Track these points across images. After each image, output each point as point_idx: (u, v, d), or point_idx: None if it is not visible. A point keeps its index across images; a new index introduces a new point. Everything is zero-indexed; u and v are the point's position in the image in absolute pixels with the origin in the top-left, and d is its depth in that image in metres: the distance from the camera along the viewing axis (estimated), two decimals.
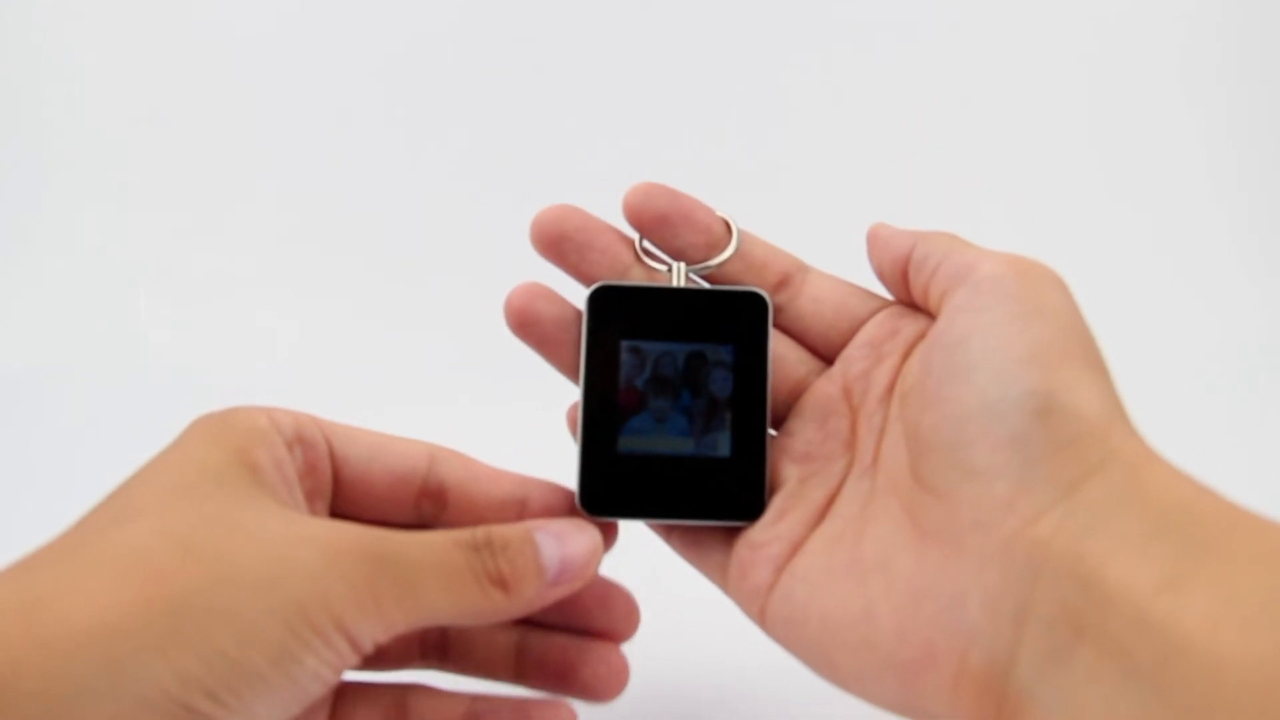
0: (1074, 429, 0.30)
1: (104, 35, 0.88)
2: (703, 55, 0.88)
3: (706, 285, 0.40)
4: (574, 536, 0.35)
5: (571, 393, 0.39)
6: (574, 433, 0.39)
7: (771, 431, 0.39)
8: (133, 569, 0.27)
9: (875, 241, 0.38)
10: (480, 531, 0.33)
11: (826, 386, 0.39)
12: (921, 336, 0.37)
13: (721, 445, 0.38)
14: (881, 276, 0.38)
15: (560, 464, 0.40)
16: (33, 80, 0.88)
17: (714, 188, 0.83)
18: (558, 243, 0.38)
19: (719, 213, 0.40)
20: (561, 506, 0.38)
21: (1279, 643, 0.24)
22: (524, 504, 0.38)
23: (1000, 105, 0.88)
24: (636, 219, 0.39)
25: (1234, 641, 0.25)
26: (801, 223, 0.81)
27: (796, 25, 0.88)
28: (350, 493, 0.36)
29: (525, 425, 0.58)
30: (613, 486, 0.38)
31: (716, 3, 0.88)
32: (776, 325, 0.40)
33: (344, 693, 0.37)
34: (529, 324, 0.38)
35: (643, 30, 0.88)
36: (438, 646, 0.40)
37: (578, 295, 0.39)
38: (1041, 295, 0.33)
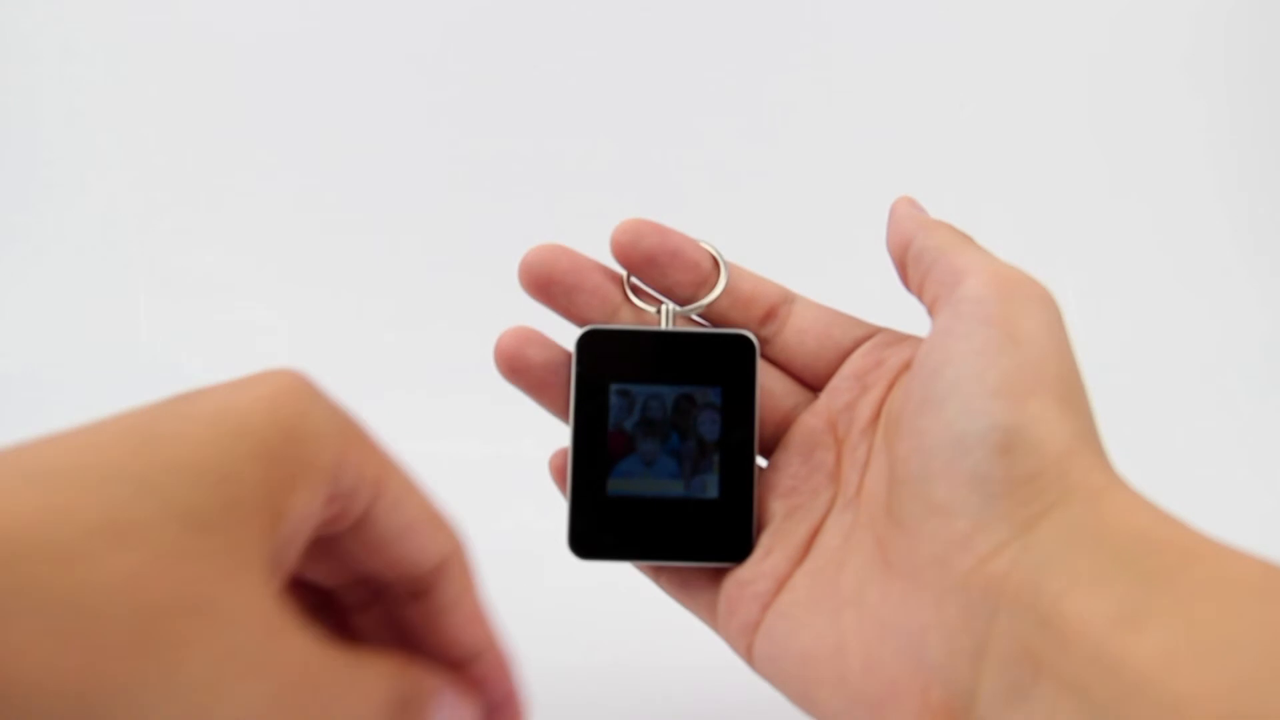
0: (1034, 465, 0.30)
1: (103, 35, 0.88)
2: (703, 62, 0.87)
3: (695, 326, 0.40)
4: (464, 713, 0.33)
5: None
6: (557, 479, 0.39)
7: (761, 461, 0.39)
8: (82, 634, 0.23)
9: (890, 219, 0.38)
10: (410, 685, 0.30)
11: (811, 420, 0.39)
12: (906, 365, 0.37)
13: (710, 487, 0.38)
14: (890, 255, 0.38)
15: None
16: (32, 80, 0.87)
17: (712, 192, 0.82)
18: (545, 286, 0.38)
19: (706, 246, 0.39)
20: (500, 683, 0.34)
21: (1235, 678, 0.24)
22: (471, 661, 0.35)
23: (1001, 105, 0.87)
24: (625, 258, 0.39)
25: (1191, 678, 0.24)
26: (796, 233, 0.81)
27: (793, 30, 0.87)
28: (349, 548, 0.32)
29: (526, 425, 0.58)
30: (602, 529, 0.38)
31: (716, 12, 0.88)
32: (764, 356, 0.40)
33: None
34: (520, 370, 0.38)
35: (645, 37, 0.87)
36: None
37: (567, 331, 0.39)
38: (1021, 320, 0.32)
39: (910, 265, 0.36)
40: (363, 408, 0.74)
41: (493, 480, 0.69)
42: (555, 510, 0.42)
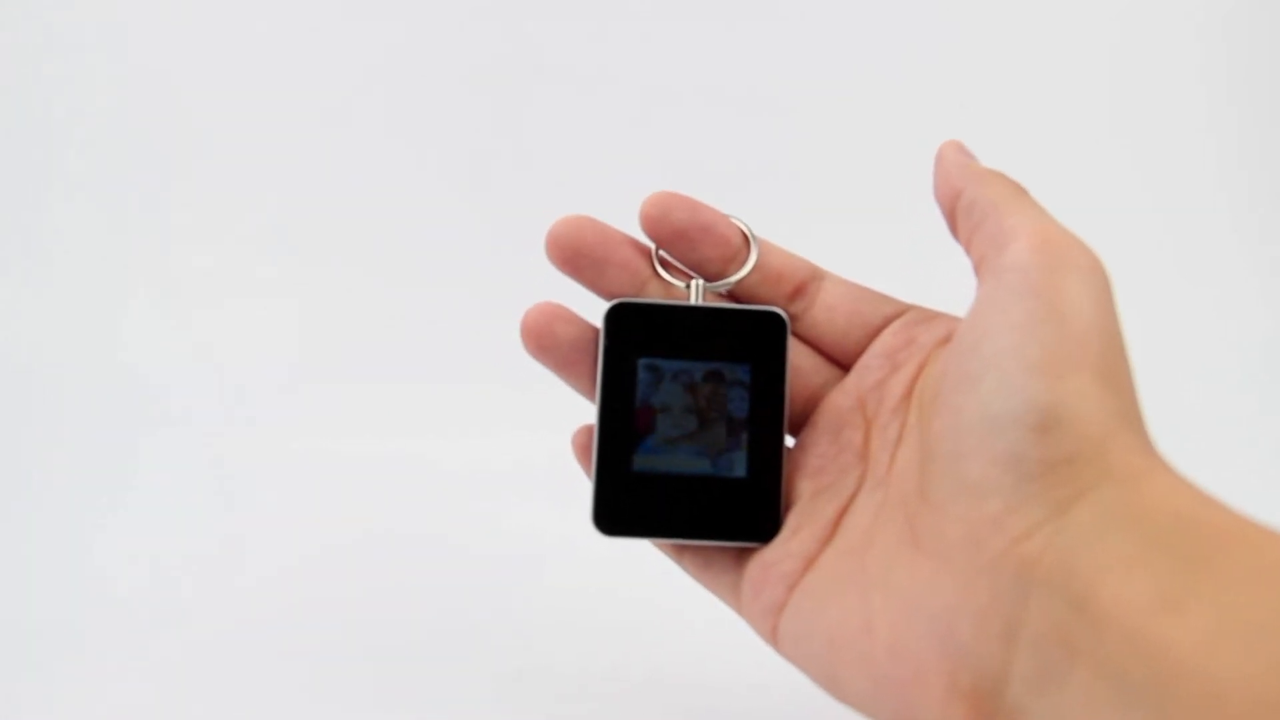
0: (1072, 446, 0.29)
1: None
2: (728, 35, 0.88)
3: (724, 302, 0.40)
4: None
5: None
6: (580, 456, 0.39)
7: (789, 439, 0.39)
8: None
9: (938, 166, 0.37)
10: None
11: (840, 399, 0.38)
12: (939, 343, 0.36)
13: (738, 465, 0.37)
14: (938, 204, 0.37)
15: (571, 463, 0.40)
16: (29, 81, 0.86)
17: (740, 166, 0.82)
18: (574, 259, 0.38)
19: (736, 220, 0.39)
20: None
21: (1278, 663, 0.24)
22: None
23: (1007, 99, 0.87)
24: (654, 232, 0.38)
25: (1233, 663, 0.24)
26: (825, 208, 0.81)
27: (811, 18, 0.88)
28: None
29: (524, 427, 0.57)
30: (627, 505, 0.37)
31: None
32: (793, 333, 0.39)
33: None
34: (548, 348, 0.38)
35: (652, 20, 0.88)
36: None
37: (593, 305, 0.39)
38: (1066, 292, 0.31)
39: (960, 217, 0.35)
40: (364, 405, 0.74)
41: (493, 482, 0.68)
42: (554, 513, 0.42)
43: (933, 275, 0.39)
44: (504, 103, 0.86)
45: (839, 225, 0.78)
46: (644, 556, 0.40)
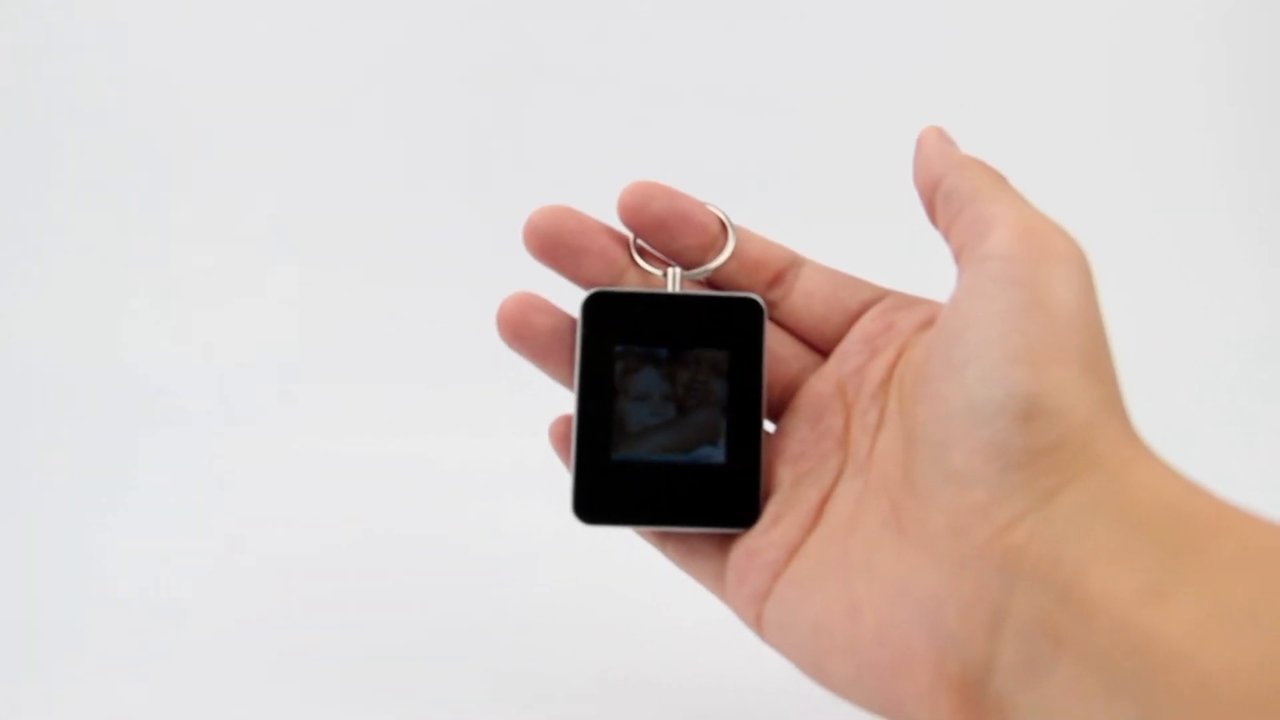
0: (1056, 435, 0.29)
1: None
2: (706, 27, 0.87)
3: (702, 290, 0.39)
4: None
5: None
6: (558, 446, 0.38)
7: (769, 425, 0.39)
8: None
9: (918, 151, 0.36)
10: None
11: (819, 384, 0.38)
12: (918, 328, 0.36)
13: (716, 452, 0.37)
14: (917, 190, 0.37)
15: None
16: (29, 81, 0.86)
17: (718, 154, 0.82)
18: (552, 248, 0.38)
19: (713, 209, 0.39)
20: None
21: (1266, 653, 0.24)
22: None
23: (1006, 99, 0.87)
24: (632, 221, 0.38)
25: (1221, 653, 0.24)
26: (803, 196, 0.81)
27: (810, 18, 0.88)
28: None
29: (519, 427, 0.57)
30: (607, 494, 0.37)
31: None
32: (772, 320, 0.39)
33: None
34: (524, 337, 0.38)
35: (652, 20, 0.87)
36: None
37: (570, 294, 0.39)
38: (1050, 282, 0.31)
39: (940, 205, 0.35)
40: (364, 405, 0.74)
41: (492, 482, 0.68)
42: (553, 513, 0.41)
43: (931, 275, 0.39)
44: (504, 103, 0.86)
45: (838, 225, 0.77)
46: (642, 558, 0.40)
